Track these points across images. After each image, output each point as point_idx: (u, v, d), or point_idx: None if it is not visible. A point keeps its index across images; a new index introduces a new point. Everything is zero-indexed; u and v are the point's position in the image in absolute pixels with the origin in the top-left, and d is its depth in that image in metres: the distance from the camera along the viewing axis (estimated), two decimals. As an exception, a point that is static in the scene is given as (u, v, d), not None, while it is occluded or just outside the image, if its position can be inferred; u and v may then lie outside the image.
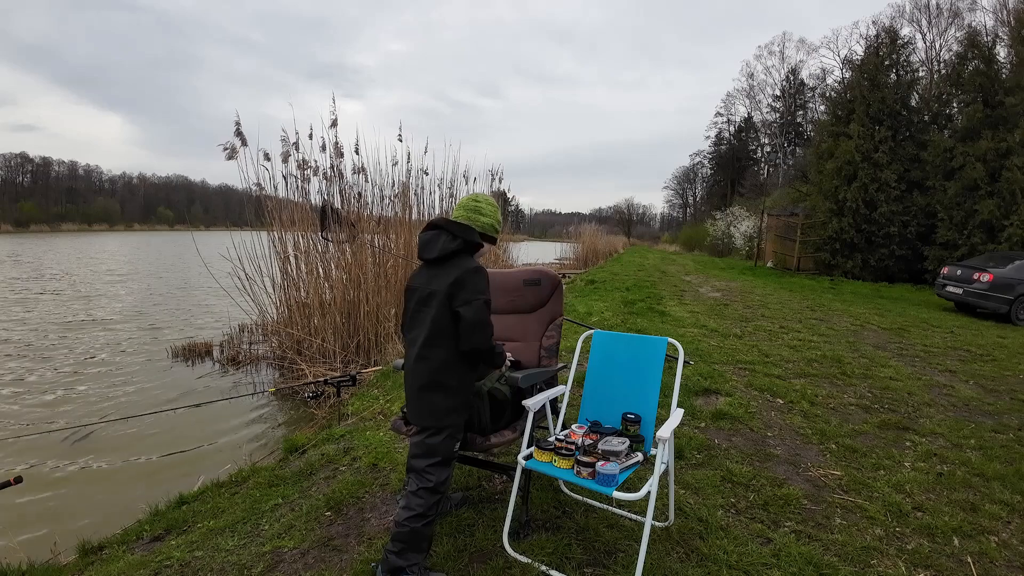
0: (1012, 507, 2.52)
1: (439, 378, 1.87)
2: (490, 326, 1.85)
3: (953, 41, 25.23)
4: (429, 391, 1.88)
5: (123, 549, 2.42)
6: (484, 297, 1.83)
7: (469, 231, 1.93)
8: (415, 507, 1.81)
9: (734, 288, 12.06)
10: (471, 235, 1.93)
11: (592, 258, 24.55)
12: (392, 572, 1.82)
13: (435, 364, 1.87)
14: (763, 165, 47.20)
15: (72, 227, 71.18)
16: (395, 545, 1.81)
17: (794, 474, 2.84)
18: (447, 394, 1.88)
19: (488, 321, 1.84)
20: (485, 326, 1.82)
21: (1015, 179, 12.56)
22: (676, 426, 1.95)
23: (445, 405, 1.88)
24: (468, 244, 1.93)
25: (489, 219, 2.05)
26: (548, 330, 2.59)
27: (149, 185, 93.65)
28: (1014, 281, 8.84)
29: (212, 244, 6.98)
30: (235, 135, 6.03)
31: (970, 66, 14.84)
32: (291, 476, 2.93)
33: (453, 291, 1.83)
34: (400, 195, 7.11)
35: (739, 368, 4.90)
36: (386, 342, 6.19)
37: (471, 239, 1.93)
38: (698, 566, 2.02)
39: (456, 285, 1.83)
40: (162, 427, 4.55)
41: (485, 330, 1.82)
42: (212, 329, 8.30)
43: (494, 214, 2.07)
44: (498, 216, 2.09)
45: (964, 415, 3.87)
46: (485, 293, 1.84)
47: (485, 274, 1.90)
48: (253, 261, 6.39)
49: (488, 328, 1.84)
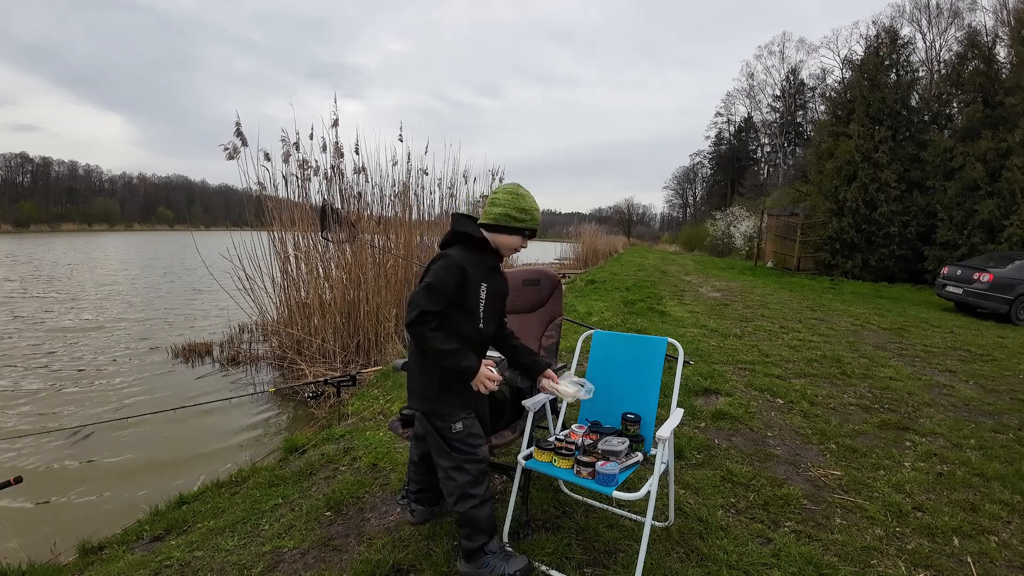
0: (1012, 507, 2.52)
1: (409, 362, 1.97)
2: (418, 306, 1.72)
3: (953, 41, 25.25)
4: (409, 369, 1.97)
5: (123, 549, 2.42)
6: (428, 280, 1.75)
7: (461, 222, 1.88)
8: (451, 491, 1.85)
9: (734, 288, 12.06)
10: (460, 226, 1.87)
11: (592, 258, 24.55)
12: (468, 555, 1.87)
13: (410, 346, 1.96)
14: (763, 165, 47.22)
15: (72, 227, 71.18)
16: (462, 530, 1.88)
17: (794, 474, 2.84)
18: (411, 377, 1.94)
19: (418, 302, 1.72)
20: (412, 307, 1.73)
21: (1015, 179, 12.56)
22: (676, 426, 1.95)
23: (411, 387, 1.94)
24: (457, 235, 1.86)
25: (502, 208, 1.87)
26: (548, 330, 2.59)
27: (149, 185, 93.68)
28: (1014, 281, 8.85)
29: (212, 244, 6.98)
30: (235, 135, 6.03)
31: (970, 66, 14.85)
32: (291, 476, 2.93)
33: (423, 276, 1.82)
34: (400, 195, 7.11)
35: (739, 368, 4.90)
36: (386, 342, 6.19)
37: (460, 229, 1.86)
38: (698, 566, 2.02)
39: (425, 270, 1.82)
40: (162, 427, 4.55)
41: (410, 310, 1.73)
42: (212, 329, 8.30)
43: (512, 203, 1.87)
44: (521, 204, 1.87)
45: (964, 415, 3.87)
46: (431, 277, 1.75)
47: (450, 264, 1.77)
48: (253, 261, 6.39)
49: (413, 307, 1.72)
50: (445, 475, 1.85)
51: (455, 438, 1.83)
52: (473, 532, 1.85)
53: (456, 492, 1.82)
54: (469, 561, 1.88)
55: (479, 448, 1.87)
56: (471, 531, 1.85)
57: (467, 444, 1.84)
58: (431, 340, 1.73)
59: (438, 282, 1.74)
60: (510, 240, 1.90)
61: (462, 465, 1.83)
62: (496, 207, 1.87)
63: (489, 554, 1.87)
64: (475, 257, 1.84)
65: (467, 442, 1.84)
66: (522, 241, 1.92)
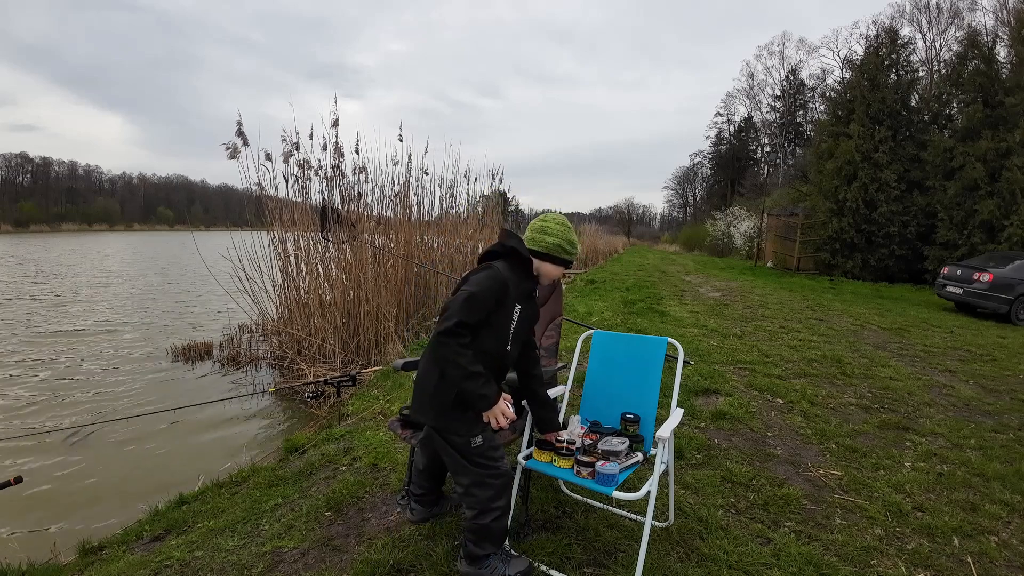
0: (1012, 507, 2.52)
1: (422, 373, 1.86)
2: (457, 316, 1.64)
3: (953, 41, 25.27)
4: (417, 378, 1.89)
5: (123, 549, 2.42)
6: (470, 289, 1.71)
7: (512, 238, 1.89)
8: (472, 506, 1.79)
9: (734, 288, 12.06)
10: (512, 242, 1.87)
11: (592, 258, 24.54)
12: (471, 559, 1.84)
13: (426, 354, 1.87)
14: (763, 165, 47.23)
15: (72, 227, 71.22)
16: (471, 535, 1.82)
17: (794, 474, 2.84)
18: (423, 389, 1.85)
19: (457, 311, 1.65)
20: (448, 316, 1.65)
21: (1015, 179, 12.56)
22: (676, 426, 1.95)
23: (422, 401, 1.85)
24: (507, 250, 1.85)
25: (555, 239, 1.92)
26: (547, 330, 2.59)
27: (149, 185, 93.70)
28: (1014, 281, 8.85)
29: (212, 244, 6.98)
30: (236, 135, 6.03)
31: (970, 66, 14.84)
32: (291, 476, 2.93)
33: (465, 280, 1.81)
34: (400, 195, 7.12)
35: (739, 368, 4.90)
36: (386, 342, 6.19)
37: (512, 245, 1.86)
38: (698, 566, 2.02)
39: (467, 276, 1.81)
40: (162, 427, 4.55)
41: (447, 318, 1.65)
42: (212, 329, 8.30)
43: (564, 234, 1.92)
44: (571, 237, 1.94)
45: (964, 415, 3.87)
46: (474, 286, 1.71)
47: (496, 276, 1.76)
48: (253, 261, 6.39)
49: (450, 316, 1.65)
50: (465, 491, 1.78)
51: (475, 452, 1.77)
52: (483, 540, 1.82)
53: (478, 507, 1.77)
54: (471, 564, 1.87)
55: (500, 461, 1.80)
56: (481, 539, 1.81)
57: (487, 457, 1.78)
58: (460, 356, 1.65)
59: (481, 293, 1.70)
60: (554, 270, 1.94)
61: (484, 480, 1.76)
62: (549, 236, 1.90)
63: (491, 556, 1.85)
64: (517, 278, 1.83)
65: (488, 455, 1.78)
66: (562, 273, 1.97)
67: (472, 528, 1.81)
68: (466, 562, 1.88)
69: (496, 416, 1.77)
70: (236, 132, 6.03)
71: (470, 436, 1.76)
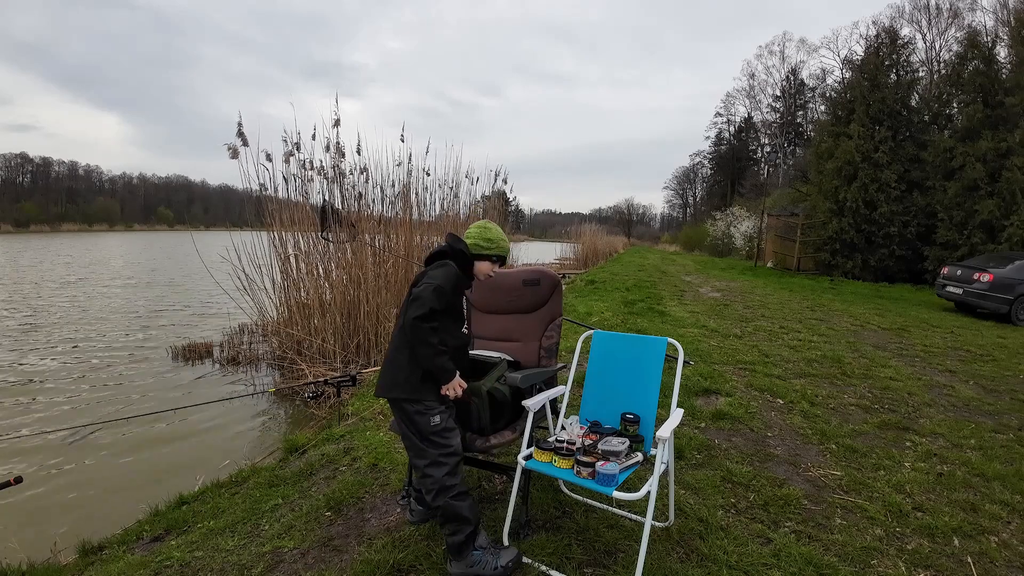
0: (1012, 507, 2.52)
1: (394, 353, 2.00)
2: (429, 304, 1.87)
3: (953, 41, 25.29)
4: (388, 362, 2.00)
5: (123, 549, 2.41)
6: (437, 283, 1.92)
7: (458, 240, 2.17)
8: (429, 488, 1.89)
9: (734, 288, 12.06)
10: (458, 244, 2.15)
11: (592, 258, 24.55)
12: (456, 551, 1.89)
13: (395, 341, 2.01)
14: (763, 165, 47.19)
15: (72, 227, 71.22)
16: (447, 527, 1.90)
17: (794, 474, 2.84)
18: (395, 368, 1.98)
19: (428, 300, 1.87)
20: (421, 303, 1.86)
21: (1015, 179, 12.56)
22: (676, 426, 1.95)
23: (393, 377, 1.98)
24: (454, 251, 2.11)
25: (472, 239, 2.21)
26: (547, 330, 2.59)
27: (149, 185, 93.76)
28: (1014, 281, 8.84)
29: (212, 244, 6.98)
30: (237, 135, 6.03)
31: (970, 66, 14.83)
32: (291, 476, 2.93)
33: (420, 277, 2.02)
34: (401, 195, 7.12)
35: (739, 368, 4.90)
36: (386, 342, 6.19)
37: (458, 247, 2.13)
38: (698, 566, 2.02)
39: (423, 273, 2.03)
40: (162, 428, 4.55)
41: (419, 306, 1.86)
42: (212, 329, 8.30)
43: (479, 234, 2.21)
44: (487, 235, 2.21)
45: (964, 415, 3.87)
46: (440, 280, 1.94)
47: (452, 271, 2.00)
48: (253, 261, 6.39)
49: (422, 304, 1.86)
50: (422, 474, 1.92)
51: (432, 431, 1.92)
52: (457, 525, 1.88)
53: (435, 487, 1.87)
54: (458, 558, 1.89)
55: (453, 440, 1.96)
56: (456, 525, 1.88)
57: (442, 437, 1.93)
58: (431, 336, 1.88)
59: (446, 285, 1.96)
60: (482, 266, 2.21)
61: (438, 459, 1.90)
62: (468, 239, 2.20)
63: (479, 550, 1.90)
64: (462, 273, 2.09)
65: (443, 435, 1.94)
66: (491, 267, 2.22)
67: (442, 518, 1.89)
68: (453, 559, 1.91)
69: (454, 387, 1.97)
70: (236, 133, 6.04)
71: (431, 414, 1.93)
